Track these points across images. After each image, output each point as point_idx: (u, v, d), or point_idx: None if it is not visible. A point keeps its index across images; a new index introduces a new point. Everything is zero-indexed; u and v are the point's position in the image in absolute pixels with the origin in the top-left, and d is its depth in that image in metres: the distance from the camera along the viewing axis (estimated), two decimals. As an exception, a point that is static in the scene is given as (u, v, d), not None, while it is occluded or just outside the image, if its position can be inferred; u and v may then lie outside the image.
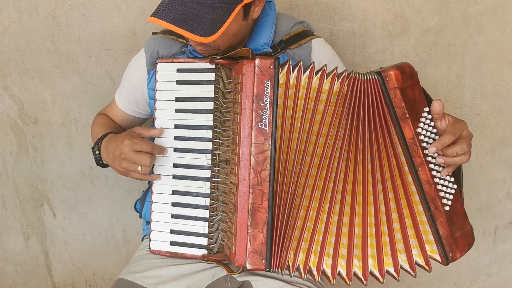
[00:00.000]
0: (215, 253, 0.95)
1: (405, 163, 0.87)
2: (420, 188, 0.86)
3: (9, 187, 1.53)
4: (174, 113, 0.96)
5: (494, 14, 1.32)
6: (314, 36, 1.06)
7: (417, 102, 0.87)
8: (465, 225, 0.91)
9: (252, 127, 0.85)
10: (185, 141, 0.96)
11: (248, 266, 0.86)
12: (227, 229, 0.92)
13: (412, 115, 0.85)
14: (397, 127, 0.85)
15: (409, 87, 0.86)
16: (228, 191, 0.91)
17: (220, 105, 0.93)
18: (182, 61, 0.97)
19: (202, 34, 0.83)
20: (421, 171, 0.86)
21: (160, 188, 0.98)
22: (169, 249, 0.98)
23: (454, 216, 0.89)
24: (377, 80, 0.85)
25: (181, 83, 0.96)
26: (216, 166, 0.93)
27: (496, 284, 1.56)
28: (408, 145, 0.85)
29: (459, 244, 0.89)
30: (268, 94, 0.84)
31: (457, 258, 0.88)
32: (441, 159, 0.86)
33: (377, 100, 0.85)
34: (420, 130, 0.86)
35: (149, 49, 1.03)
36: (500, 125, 1.41)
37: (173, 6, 0.85)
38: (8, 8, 1.36)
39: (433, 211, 0.87)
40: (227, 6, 0.85)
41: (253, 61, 0.84)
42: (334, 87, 0.85)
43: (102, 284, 1.62)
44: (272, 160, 0.85)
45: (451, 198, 0.89)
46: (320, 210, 0.86)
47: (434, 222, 0.87)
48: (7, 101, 1.45)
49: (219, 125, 0.93)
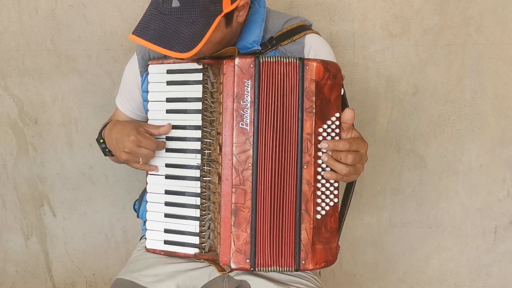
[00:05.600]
0: (207, 252, 0.95)
1: (295, 157, 0.86)
2: (299, 185, 0.85)
3: (9, 187, 1.53)
4: (165, 114, 0.97)
5: (494, 14, 1.32)
6: (308, 31, 1.03)
7: (331, 104, 0.86)
8: (331, 242, 0.89)
9: (233, 127, 0.85)
10: (176, 141, 0.96)
11: (232, 265, 0.86)
12: (214, 228, 0.93)
13: (319, 113, 0.85)
14: (299, 118, 0.84)
15: (327, 86, 0.85)
16: (215, 190, 0.92)
17: (208, 104, 0.93)
18: (171, 62, 0.97)
19: (181, 50, 0.82)
20: (306, 169, 0.85)
21: (153, 188, 0.99)
22: (164, 247, 0.99)
23: (323, 228, 0.88)
24: (298, 65, 0.84)
25: (171, 84, 0.97)
26: (205, 165, 0.94)
27: (496, 284, 1.56)
28: (302, 139, 0.85)
29: (316, 256, 0.87)
30: (249, 93, 0.84)
31: (309, 269, 0.87)
32: (325, 157, 0.85)
33: (290, 86, 0.85)
34: (322, 131, 0.86)
35: (140, 52, 1.03)
36: (500, 125, 1.41)
37: (152, 22, 0.84)
38: (8, 8, 1.36)
39: (302, 213, 0.86)
40: (206, 19, 0.84)
41: (233, 60, 0.84)
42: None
43: (102, 284, 1.62)
44: (254, 160, 0.85)
45: (327, 209, 0.88)
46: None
47: (299, 223, 0.86)
48: (7, 101, 1.45)
49: (208, 125, 0.93)
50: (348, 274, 1.58)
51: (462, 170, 1.46)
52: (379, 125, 1.43)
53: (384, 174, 1.47)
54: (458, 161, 1.45)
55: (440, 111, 1.40)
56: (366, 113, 1.41)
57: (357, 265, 1.57)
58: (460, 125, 1.42)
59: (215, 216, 0.92)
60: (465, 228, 1.50)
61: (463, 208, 1.49)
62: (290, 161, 0.86)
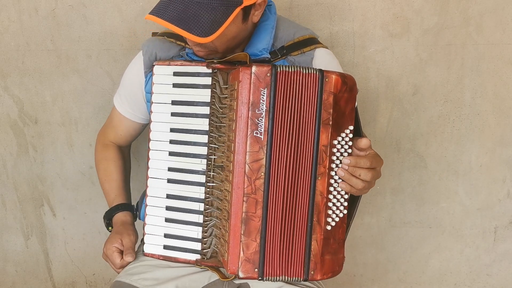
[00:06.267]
0: (209, 258, 0.94)
1: (310, 168, 0.86)
2: (312, 196, 0.86)
3: (9, 187, 1.53)
4: (170, 117, 0.96)
5: (494, 14, 1.32)
6: (320, 45, 1.03)
7: (346, 116, 0.87)
8: (339, 253, 0.90)
9: (247, 135, 0.84)
10: (180, 145, 0.95)
11: (240, 274, 0.86)
12: (221, 235, 0.92)
13: (335, 126, 0.85)
14: (316, 129, 0.84)
15: (343, 99, 0.85)
16: (223, 197, 0.91)
17: (216, 110, 0.92)
18: (179, 64, 0.96)
19: (200, 34, 0.83)
20: (320, 180, 0.86)
21: (154, 192, 0.97)
22: (163, 253, 0.97)
23: (332, 239, 0.88)
24: (317, 76, 0.84)
25: (178, 86, 0.95)
26: (211, 171, 0.93)
27: (496, 284, 1.56)
28: (318, 151, 0.85)
29: (324, 266, 0.87)
30: (264, 102, 0.83)
31: (317, 279, 0.87)
32: (341, 172, 0.86)
33: (308, 97, 0.84)
34: (336, 143, 0.86)
35: (147, 52, 1.02)
36: (500, 125, 1.41)
37: (171, 4, 0.84)
38: (8, 8, 1.36)
39: (314, 224, 0.86)
40: (226, 8, 0.84)
41: (250, 68, 0.83)
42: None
43: (102, 284, 1.62)
44: (266, 169, 0.84)
45: (337, 220, 0.88)
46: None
47: (310, 234, 0.86)
48: (7, 101, 1.45)
49: (215, 130, 0.92)
50: (348, 274, 1.58)
51: (462, 170, 1.46)
52: (379, 125, 1.43)
53: (384, 174, 1.46)
54: (458, 161, 1.45)
55: (440, 111, 1.40)
56: (366, 113, 1.41)
57: (357, 265, 1.57)
58: (460, 125, 1.42)
59: (222, 223, 0.91)
60: (465, 228, 1.50)
61: (463, 208, 1.49)
62: (304, 172, 0.85)
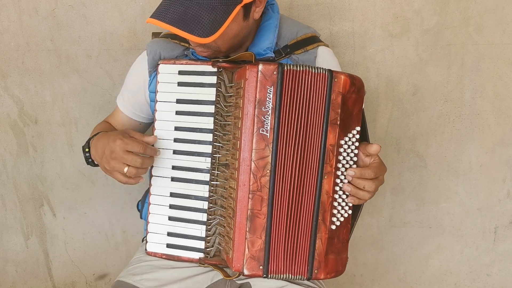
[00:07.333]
0: (212, 257, 0.94)
1: (316, 166, 0.87)
2: (318, 195, 0.86)
3: (9, 187, 1.53)
4: (175, 115, 0.96)
5: (494, 14, 1.32)
6: (322, 43, 1.05)
7: (353, 117, 0.87)
8: (342, 253, 0.91)
9: (253, 133, 0.85)
10: (185, 144, 0.95)
11: (245, 271, 0.86)
12: (225, 233, 0.92)
13: (342, 126, 0.86)
14: (323, 128, 0.85)
15: (351, 99, 0.86)
16: (227, 195, 0.91)
17: (221, 108, 0.92)
18: (184, 63, 0.96)
19: (201, 35, 0.83)
20: (326, 179, 0.86)
21: (158, 190, 0.97)
22: (166, 251, 0.97)
23: (336, 238, 0.89)
24: (327, 76, 0.84)
25: (183, 85, 0.96)
26: (216, 169, 0.93)
27: (496, 284, 1.56)
28: (325, 150, 0.85)
29: (328, 266, 0.88)
30: (271, 100, 0.84)
31: (320, 278, 0.88)
32: (348, 187, 0.87)
33: (316, 96, 0.85)
34: (343, 143, 0.87)
35: (151, 52, 1.02)
36: (500, 125, 1.41)
37: (172, 7, 0.85)
38: (8, 8, 1.36)
39: (319, 222, 0.86)
40: (226, 6, 0.85)
41: (257, 66, 0.84)
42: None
43: (102, 284, 1.62)
44: (272, 166, 0.84)
45: (342, 220, 0.89)
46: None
47: (315, 233, 0.86)
48: (7, 101, 1.45)
49: (220, 129, 0.93)
50: (348, 274, 1.58)
51: (462, 170, 1.46)
52: (379, 125, 1.43)
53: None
54: (458, 161, 1.45)
55: (440, 111, 1.40)
56: (366, 113, 1.40)
57: (357, 265, 1.57)
58: (460, 125, 1.42)
59: (227, 221, 0.91)
60: (465, 228, 1.50)
61: (463, 208, 1.49)
62: (310, 171, 0.86)
